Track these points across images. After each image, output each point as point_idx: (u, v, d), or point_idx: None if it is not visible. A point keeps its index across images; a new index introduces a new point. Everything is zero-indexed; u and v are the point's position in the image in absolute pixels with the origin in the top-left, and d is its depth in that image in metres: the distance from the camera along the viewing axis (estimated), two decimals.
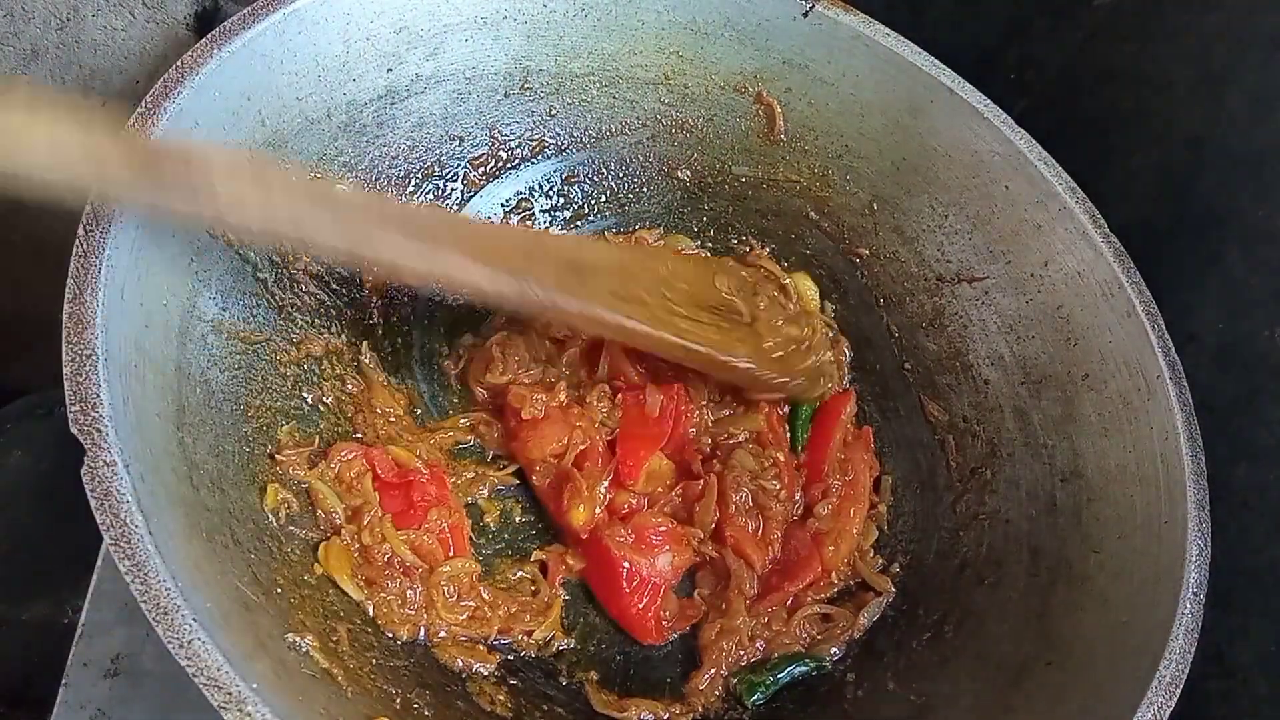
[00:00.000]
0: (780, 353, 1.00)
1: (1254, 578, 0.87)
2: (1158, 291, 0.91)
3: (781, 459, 1.01)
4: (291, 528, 0.81)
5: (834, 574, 0.97)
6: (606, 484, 0.95)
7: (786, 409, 1.06)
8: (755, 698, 0.90)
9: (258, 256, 0.87)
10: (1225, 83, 0.95)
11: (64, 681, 0.85)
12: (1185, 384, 0.88)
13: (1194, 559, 0.80)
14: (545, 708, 0.85)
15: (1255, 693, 0.86)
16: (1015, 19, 1.16)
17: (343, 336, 0.96)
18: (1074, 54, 1.11)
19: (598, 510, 0.94)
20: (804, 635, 0.95)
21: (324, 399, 0.92)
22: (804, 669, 0.92)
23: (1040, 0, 1.13)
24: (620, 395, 1.00)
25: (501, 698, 0.83)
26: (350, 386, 0.94)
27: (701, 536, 0.96)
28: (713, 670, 0.91)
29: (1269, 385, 0.88)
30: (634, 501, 0.96)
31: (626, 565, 0.92)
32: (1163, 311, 0.91)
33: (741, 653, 0.92)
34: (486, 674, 0.85)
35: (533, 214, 1.12)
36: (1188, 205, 0.98)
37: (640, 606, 0.93)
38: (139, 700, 0.85)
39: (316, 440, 0.88)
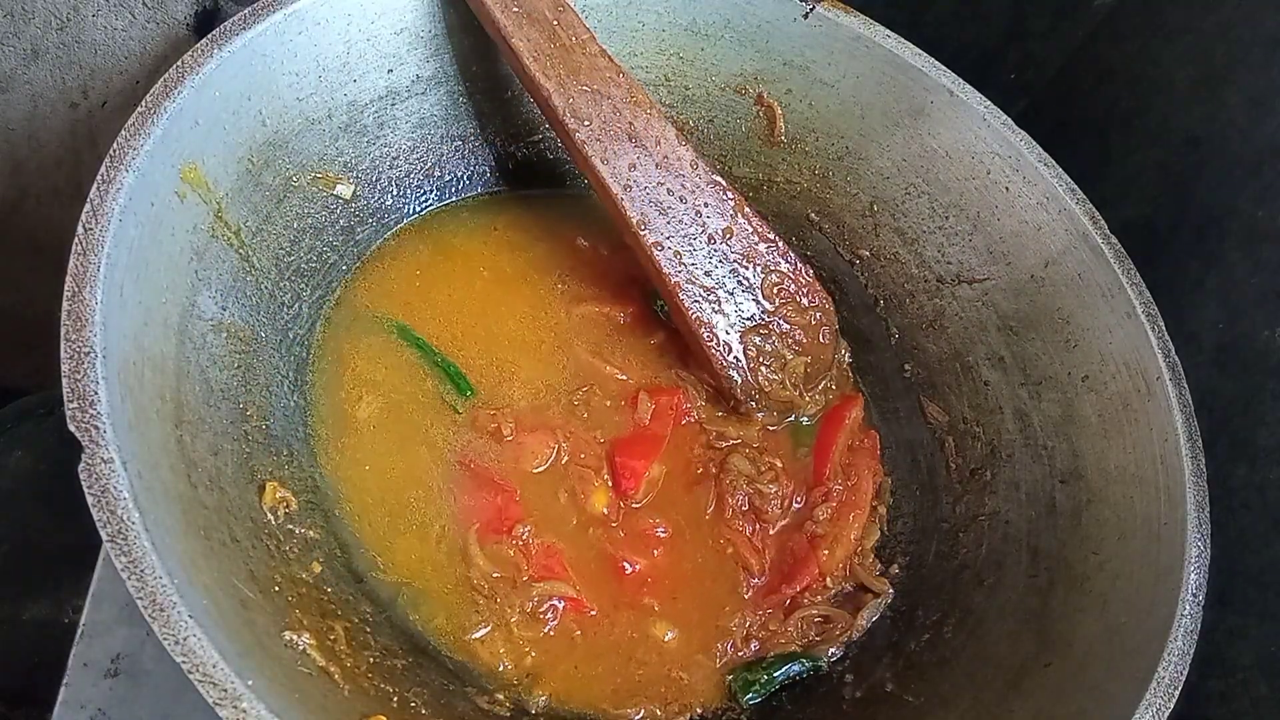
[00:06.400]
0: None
1: (1254, 578, 0.87)
2: (1158, 291, 0.91)
3: (779, 464, 1.01)
4: (290, 526, 0.80)
5: (829, 578, 0.97)
6: (608, 473, 0.96)
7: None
8: (750, 696, 0.90)
9: (258, 257, 0.87)
10: (1225, 83, 0.95)
11: (64, 681, 0.85)
12: (1185, 386, 0.88)
13: (1193, 560, 0.80)
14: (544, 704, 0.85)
15: (1255, 693, 0.86)
16: (1015, 19, 1.17)
17: None
18: (1074, 54, 1.11)
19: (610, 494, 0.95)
20: (802, 636, 0.95)
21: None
22: (800, 669, 0.92)
23: (1040, 0, 1.13)
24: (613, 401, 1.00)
25: (500, 696, 0.83)
26: None
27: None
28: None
29: (1269, 385, 0.88)
30: (629, 505, 0.96)
31: (626, 565, 0.92)
32: (1162, 312, 0.91)
33: (736, 651, 0.92)
34: None
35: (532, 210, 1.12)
36: (1188, 205, 0.98)
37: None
38: (139, 700, 0.85)
39: None
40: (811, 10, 1.02)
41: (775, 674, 0.91)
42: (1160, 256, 0.96)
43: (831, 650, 0.94)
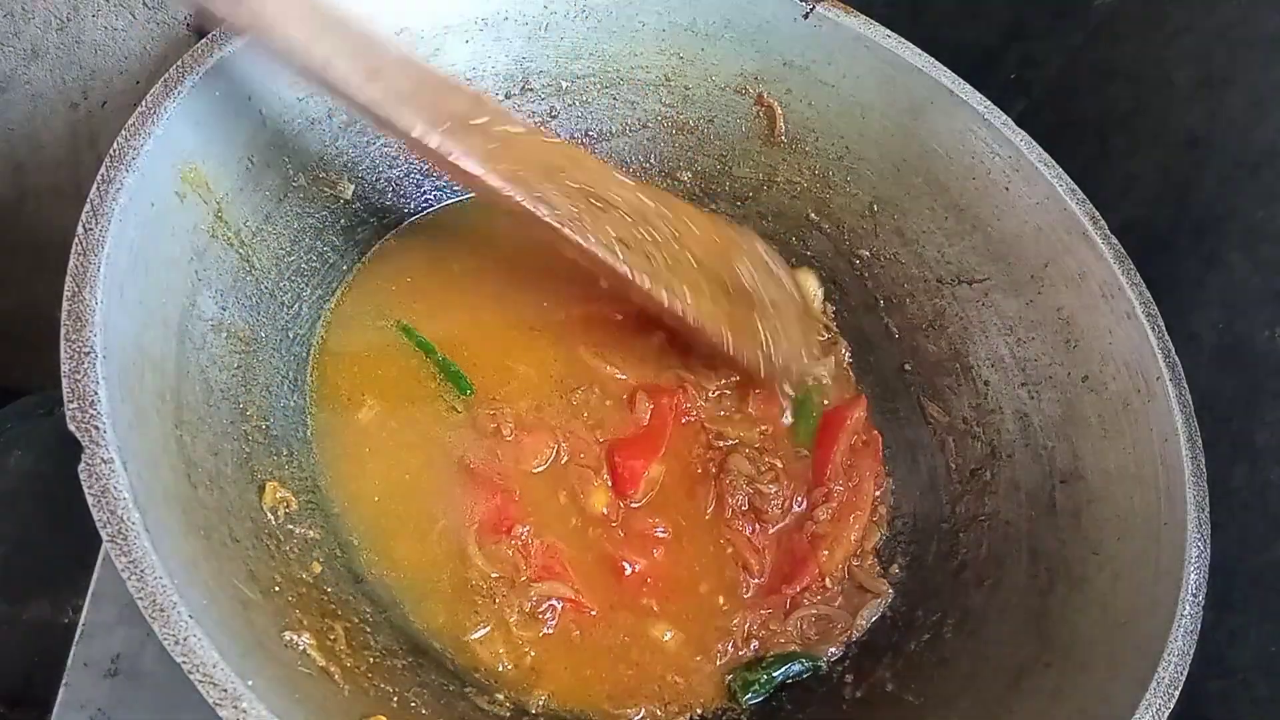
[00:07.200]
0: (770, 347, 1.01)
1: (1254, 578, 0.87)
2: (1158, 292, 0.91)
3: (779, 464, 1.01)
4: (290, 526, 0.80)
5: (829, 579, 0.97)
6: (607, 473, 0.96)
7: (789, 417, 1.07)
8: (749, 696, 0.90)
9: (258, 257, 0.87)
10: (1225, 83, 0.95)
11: (64, 681, 0.85)
12: (1185, 386, 0.88)
13: (1193, 560, 0.80)
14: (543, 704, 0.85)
15: (1255, 693, 0.86)
16: (1015, 19, 1.16)
17: None
18: (1074, 54, 1.11)
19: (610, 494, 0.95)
20: (801, 635, 0.95)
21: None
22: (800, 668, 0.92)
23: (1040, 0, 1.13)
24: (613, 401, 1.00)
25: (500, 696, 0.83)
26: None
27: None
28: None
29: (1269, 385, 0.88)
30: (629, 505, 0.96)
31: (626, 566, 0.92)
32: (1163, 312, 0.90)
33: (737, 651, 0.93)
34: None
35: None
36: (1188, 205, 0.98)
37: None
38: (139, 700, 0.85)
39: None
40: (811, 10, 1.02)
41: (775, 674, 0.91)
42: (1160, 256, 0.96)
43: (831, 650, 0.94)
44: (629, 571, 0.92)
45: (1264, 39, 0.92)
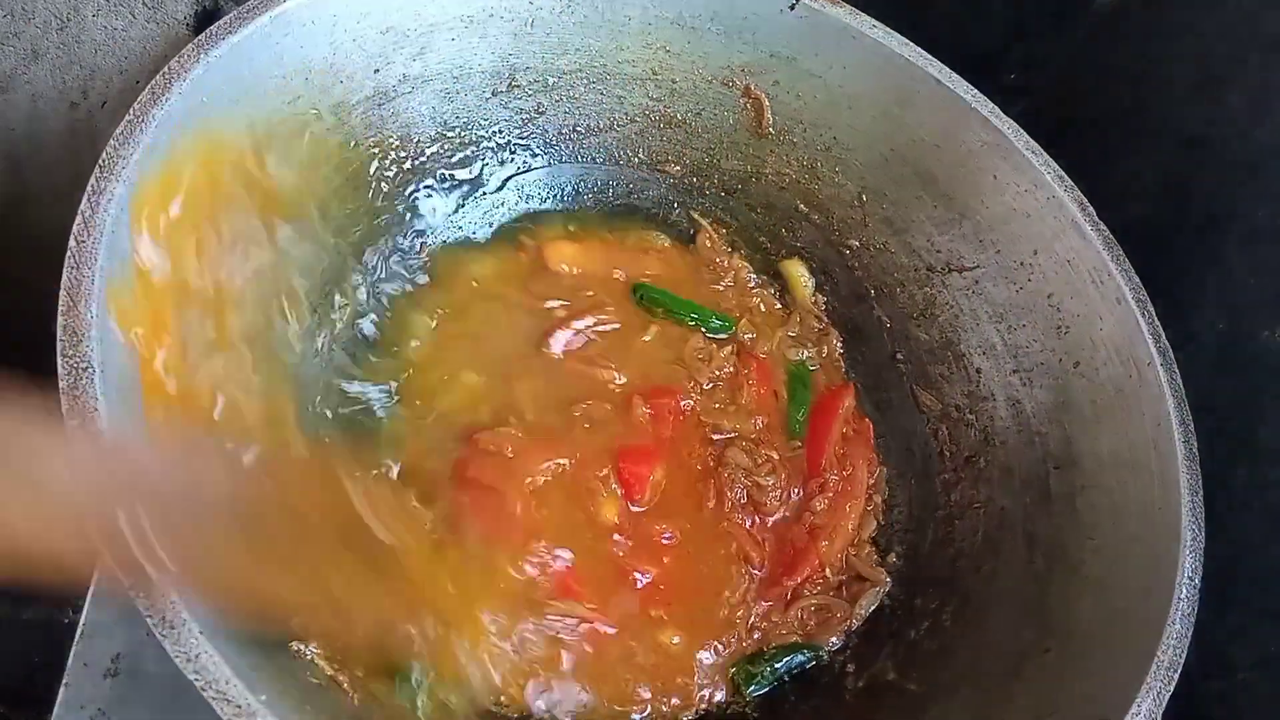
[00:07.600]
0: None
1: (1254, 578, 0.88)
2: (1157, 292, 0.91)
3: (776, 456, 1.02)
4: None
5: (829, 569, 0.98)
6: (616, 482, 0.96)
7: (784, 400, 1.07)
8: (753, 688, 0.91)
9: None
10: (1225, 83, 0.95)
11: (64, 681, 0.85)
12: (1176, 370, 0.88)
13: (1188, 544, 0.80)
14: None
15: (1255, 693, 0.87)
16: (1015, 19, 1.16)
17: None
18: (1074, 54, 1.10)
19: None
20: (802, 626, 0.96)
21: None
22: (802, 659, 0.93)
23: (1040, 0, 1.13)
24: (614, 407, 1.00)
25: (503, 698, 0.84)
26: None
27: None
28: None
29: (1269, 385, 0.89)
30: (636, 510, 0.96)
31: (638, 577, 0.93)
32: (1162, 313, 0.90)
33: (741, 643, 0.93)
34: None
35: (522, 208, 1.13)
36: (1188, 205, 0.98)
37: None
38: (139, 700, 0.85)
39: None
40: (797, 2, 1.02)
41: (777, 665, 0.92)
42: (1160, 256, 0.96)
43: (832, 640, 0.95)
44: (640, 584, 0.92)
45: (1264, 39, 0.92)
